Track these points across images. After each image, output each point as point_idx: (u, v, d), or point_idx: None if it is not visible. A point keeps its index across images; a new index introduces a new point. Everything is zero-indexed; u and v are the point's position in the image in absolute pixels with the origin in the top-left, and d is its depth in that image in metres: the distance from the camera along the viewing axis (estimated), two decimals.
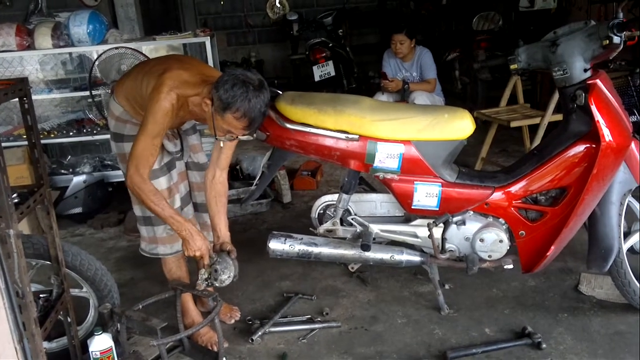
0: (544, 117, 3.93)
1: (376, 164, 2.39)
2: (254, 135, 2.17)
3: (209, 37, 4.06)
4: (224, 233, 2.32)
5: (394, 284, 2.92)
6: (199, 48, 4.64)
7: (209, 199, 2.34)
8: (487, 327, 2.50)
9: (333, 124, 2.37)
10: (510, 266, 2.45)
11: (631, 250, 2.47)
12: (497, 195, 2.42)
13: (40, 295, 2.15)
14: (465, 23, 7.13)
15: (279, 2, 8.42)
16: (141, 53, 3.73)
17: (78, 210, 4.03)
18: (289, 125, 2.40)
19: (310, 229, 2.69)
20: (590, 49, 2.17)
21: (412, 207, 2.44)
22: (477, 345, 2.35)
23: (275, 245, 2.51)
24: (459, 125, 2.38)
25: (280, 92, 2.55)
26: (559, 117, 4.04)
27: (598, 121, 2.15)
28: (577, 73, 2.22)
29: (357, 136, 2.36)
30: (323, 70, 6.09)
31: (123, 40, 3.91)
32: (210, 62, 4.09)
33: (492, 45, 5.60)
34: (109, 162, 4.33)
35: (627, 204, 2.40)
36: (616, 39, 2.06)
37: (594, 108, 2.15)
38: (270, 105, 2.44)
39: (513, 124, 3.97)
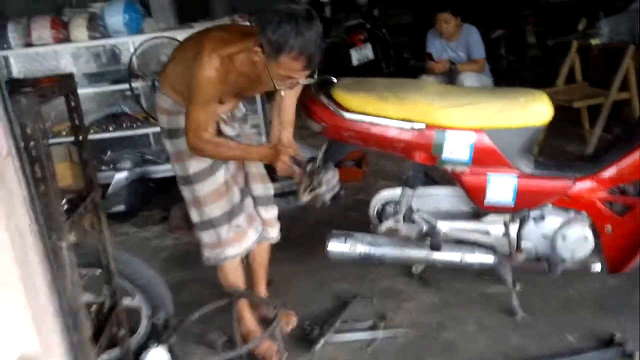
0: (609, 96, 3.64)
1: (445, 155, 2.18)
2: (315, 75, 1.97)
3: (247, 23, 3.88)
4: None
5: (458, 285, 2.71)
6: None
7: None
8: (569, 334, 2.28)
9: (396, 112, 2.17)
10: (599, 268, 2.22)
11: None
12: (580, 186, 2.19)
13: (91, 309, 2.04)
14: None
15: None
16: (178, 41, 3.56)
17: (121, 208, 3.92)
18: (347, 115, 2.20)
19: (370, 227, 2.50)
20: None
21: (485, 203, 2.23)
22: (561, 355, 2.14)
23: (336, 246, 2.34)
24: (536, 110, 2.15)
25: (335, 80, 2.36)
26: (624, 95, 3.77)
27: None
28: None
29: (423, 125, 2.15)
30: (361, 54, 5.86)
31: (159, 29, 3.77)
32: None
33: (540, 20, 5.28)
34: (150, 157, 4.22)
35: None
36: None
37: None
38: (326, 94, 2.26)
39: (576, 105, 3.70)
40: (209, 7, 7.87)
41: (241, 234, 2.21)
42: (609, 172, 2.16)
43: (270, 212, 2.40)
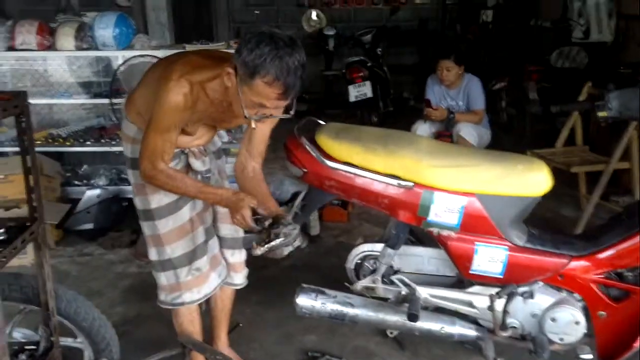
0: (609, 164, 3.50)
1: (431, 217, 2.01)
2: (292, 111, 1.76)
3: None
4: (275, 208, 1.91)
5: (436, 352, 2.51)
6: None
7: (243, 187, 1.95)
8: None
9: (383, 166, 2.00)
10: (590, 356, 2.03)
11: None
12: (575, 266, 2.02)
13: (26, 348, 1.83)
14: (510, 50, 6.74)
15: (316, 15, 8.14)
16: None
17: (89, 226, 3.72)
18: (330, 163, 2.04)
19: (345, 283, 2.31)
20: None
21: (470, 272, 2.05)
22: None
23: (305, 301, 2.15)
24: (534, 179, 1.99)
25: (323, 123, 2.20)
26: (625, 165, 3.64)
27: None
28: None
29: (411, 183, 1.98)
30: (359, 91, 5.73)
31: (151, 47, 3.61)
32: None
33: (544, 77, 5.19)
34: (126, 177, 4.00)
35: None
36: None
37: None
38: (310, 138, 2.10)
39: (573, 170, 3.56)
40: (212, 31, 7.81)
41: (201, 277, 2.04)
42: (608, 254, 2.00)
43: (237, 256, 2.22)
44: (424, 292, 2.12)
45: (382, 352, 2.53)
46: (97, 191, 3.77)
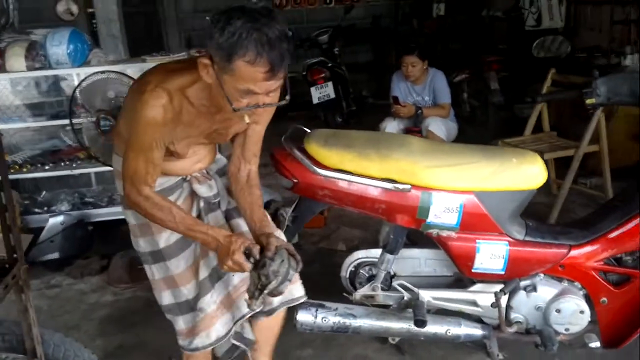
0: (579, 148, 3.55)
1: (430, 218, 1.96)
2: (288, 96, 1.55)
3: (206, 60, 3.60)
4: (266, 225, 1.74)
5: (436, 352, 2.46)
6: None
7: (235, 192, 1.78)
8: None
9: (378, 170, 1.94)
10: (597, 344, 2.03)
11: None
12: (574, 255, 2.02)
13: None
14: (465, 42, 6.83)
15: None
16: (129, 77, 3.25)
17: (54, 256, 3.49)
18: (322, 172, 1.96)
19: (344, 294, 2.24)
20: None
21: (473, 271, 2.02)
22: None
23: (305, 317, 2.07)
24: (530, 172, 1.97)
25: (309, 130, 2.12)
26: (593, 148, 3.71)
27: None
28: None
29: (408, 186, 1.93)
30: (322, 92, 5.68)
31: (108, 62, 3.43)
32: None
33: (504, 67, 5.27)
34: (90, 200, 3.82)
35: None
36: None
37: None
38: (299, 147, 2.01)
39: (547, 156, 3.59)
40: (162, 41, 7.59)
41: (207, 319, 1.78)
42: (605, 242, 2.00)
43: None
44: (426, 296, 2.07)
45: (381, 359, 2.46)
46: (60, 218, 3.55)
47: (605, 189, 3.73)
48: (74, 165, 3.71)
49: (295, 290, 1.89)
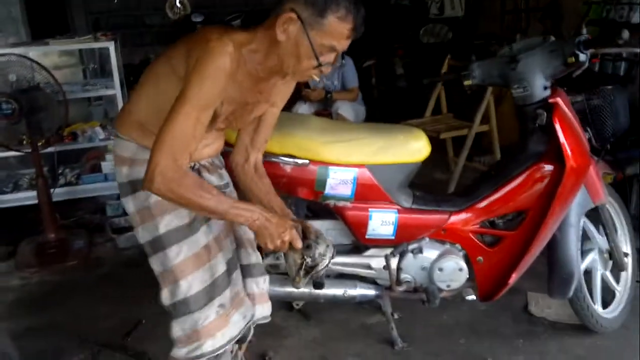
0: (472, 128, 3.89)
1: (327, 190, 2.13)
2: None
3: (113, 42, 3.59)
4: (286, 211, 1.73)
5: (339, 316, 2.68)
6: (97, 54, 4.13)
7: (245, 183, 1.72)
8: None
9: (279, 147, 2.08)
10: (473, 297, 2.30)
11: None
12: (454, 220, 2.26)
13: None
14: (375, 30, 7.08)
15: (179, 2, 7.91)
16: (31, 60, 3.19)
17: None
18: (228, 150, 2.07)
19: None
20: (551, 66, 2.06)
21: (367, 237, 2.22)
22: None
23: None
24: (415, 147, 2.19)
25: None
26: (485, 127, 4.06)
27: (564, 144, 2.04)
28: (538, 91, 2.10)
29: (307, 161, 2.09)
30: None
31: (8, 44, 3.35)
32: (115, 71, 3.63)
33: (409, 53, 5.56)
34: None
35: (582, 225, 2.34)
36: (582, 57, 1.96)
37: (558, 129, 2.05)
38: None
39: (443, 136, 3.90)
40: (67, 23, 7.30)
41: (224, 317, 1.62)
42: (480, 207, 2.25)
43: (262, 285, 1.85)
44: None
45: (289, 325, 2.63)
46: None
47: None
48: None
49: (265, 309, 1.87)
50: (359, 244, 2.31)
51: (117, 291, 2.96)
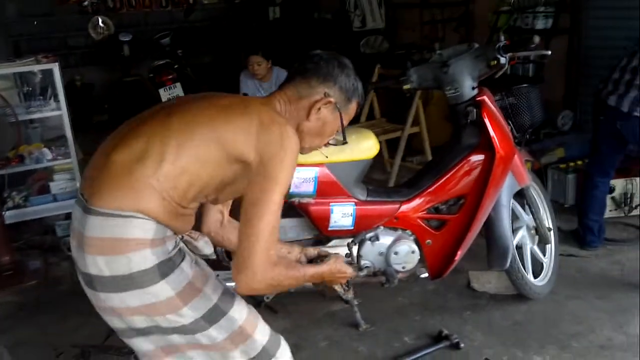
0: (404, 130, 4.24)
1: (292, 189, 2.36)
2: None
3: (56, 63, 3.64)
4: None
5: (304, 306, 2.89)
6: (35, 76, 4.12)
7: (228, 238, 1.70)
8: (406, 336, 2.62)
9: None
10: (426, 274, 2.59)
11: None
12: (404, 209, 2.54)
13: None
14: (301, 42, 7.38)
15: (103, 22, 7.86)
16: None
17: None
18: None
19: (224, 263, 2.55)
20: (477, 68, 2.40)
21: (329, 229, 2.46)
22: (402, 356, 2.45)
23: None
24: (367, 145, 2.47)
25: None
26: (415, 129, 4.43)
27: (493, 136, 2.38)
28: (467, 91, 2.44)
29: None
30: (171, 93, 5.81)
31: None
32: (60, 92, 3.68)
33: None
34: None
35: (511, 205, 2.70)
36: (502, 60, 2.32)
37: (487, 123, 2.39)
38: None
39: (379, 139, 4.20)
40: None
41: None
42: (425, 196, 2.55)
43: None
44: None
45: None
46: None
47: None
48: None
49: None
50: (322, 237, 2.54)
51: (82, 305, 2.97)
